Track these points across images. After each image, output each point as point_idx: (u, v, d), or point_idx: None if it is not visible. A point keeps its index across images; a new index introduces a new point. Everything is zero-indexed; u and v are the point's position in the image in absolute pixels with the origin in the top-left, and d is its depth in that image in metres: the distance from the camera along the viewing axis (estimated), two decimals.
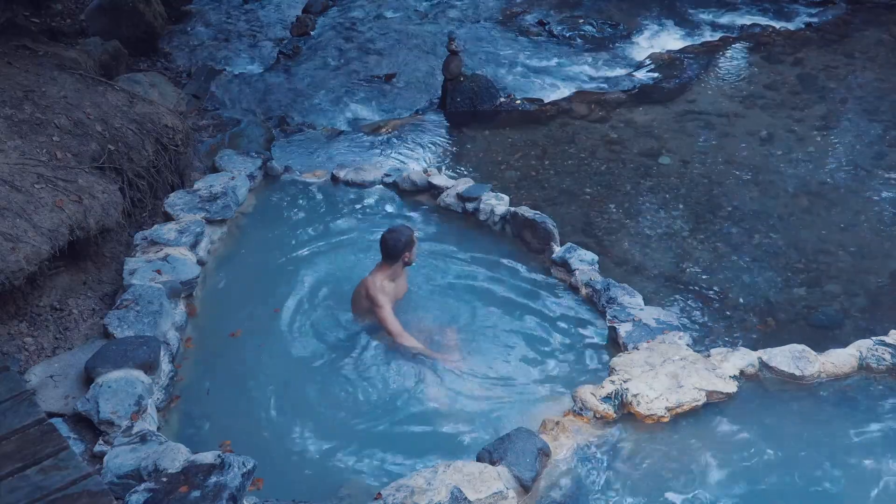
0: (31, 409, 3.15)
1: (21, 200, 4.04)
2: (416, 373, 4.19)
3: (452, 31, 8.01)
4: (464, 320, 4.61)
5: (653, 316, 4.46)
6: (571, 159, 6.63)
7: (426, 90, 7.95)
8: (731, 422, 3.76)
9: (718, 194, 6.10)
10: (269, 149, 6.59)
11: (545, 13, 9.68)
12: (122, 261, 4.57)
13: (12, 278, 3.75)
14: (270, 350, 4.37)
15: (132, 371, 3.69)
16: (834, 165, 6.50)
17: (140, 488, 3.00)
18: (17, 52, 5.32)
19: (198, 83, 7.76)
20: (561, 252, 5.03)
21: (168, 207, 5.13)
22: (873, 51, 8.56)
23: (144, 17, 8.22)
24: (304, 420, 3.94)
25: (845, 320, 4.82)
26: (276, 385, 4.14)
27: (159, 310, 4.13)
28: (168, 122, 5.36)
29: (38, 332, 4.05)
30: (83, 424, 3.51)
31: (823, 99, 7.57)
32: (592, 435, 3.68)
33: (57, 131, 4.66)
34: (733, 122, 7.22)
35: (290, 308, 4.67)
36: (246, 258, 5.16)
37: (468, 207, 5.56)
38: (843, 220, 5.78)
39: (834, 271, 5.25)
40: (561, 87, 7.99)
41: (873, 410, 3.83)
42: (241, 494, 3.02)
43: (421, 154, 6.74)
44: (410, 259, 4.39)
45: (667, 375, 3.87)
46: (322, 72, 8.21)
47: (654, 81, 8.05)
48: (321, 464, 3.68)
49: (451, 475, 3.29)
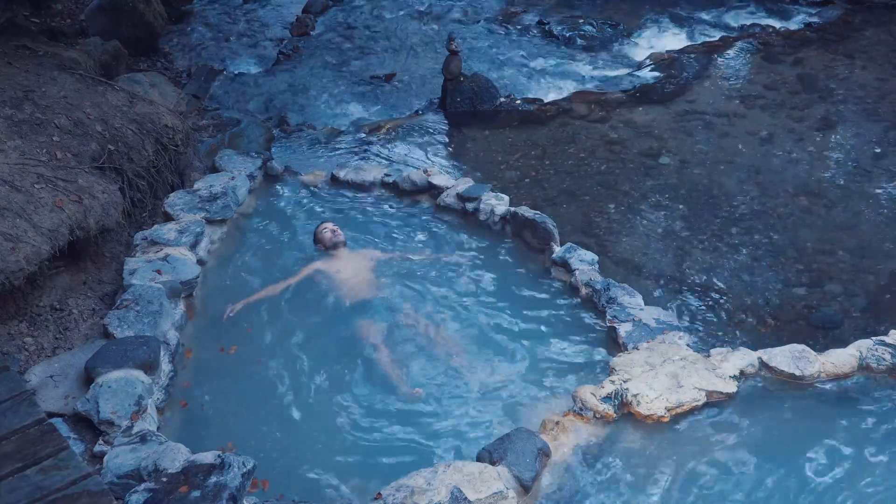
0: (31, 409, 3.15)
1: (21, 200, 4.04)
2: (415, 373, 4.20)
3: (452, 31, 8.01)
4: (463, 320, 4.61)
5: (653, 316, 4.46)
6: (571, 159, 6.63)
7: (426, 90, 7.95)
8: (731, 422, 3.76)
9: (718, 194, 6.10)
10: (269, 149, 6.59)
11: (545, 13, 9.68)
12: (122, 261, 4.57)
13: (12, 278, 3.75)
14: (270, 352, 4.37)
15: (132, 371, 3.69)
16: (834, 165, 6.50)
17: (140, 488, 3.00)
18: (17, 52, 5.32)
19: (198, 83, 7.76)
20: (561, 252, 5.03)
21: (168, 207, 5.13)
22: (873, 51, 8.56)
23: (144, 17, 8.22)
24: (305, 420, 3.94)
25: (845, 320, 4.82)
26: (277, 386, 4.14)
27: (159, 310, 4.13)
28: (168, 122, 5.36)
29: (38, 332, 4.05)
30: (83, 424, 3.51)
31: (823, 99, 7.57)
32: (592, 435, 3.68)
33: (57, 131, 4.66)
34: (733, 122, 7.22)
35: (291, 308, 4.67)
36: (246, 258, 5.15)
37: (468, 207, 5.56)
38: (843, 220, 5.78)
39: (834, 271, 5.25)
40: (561, 87, 7.99)
41: (873, 410, 3.83)
42: (242, 494, 3.02)
43: (420, 154, 6.74)
44: (325, 246, 5.08)
45: (667, 375, 3.87)
46: (322, 72, 8.21)
47: (654, 81, 8.05)
48: (321, 464, 3.68)
49: (451, 475, 3.29)
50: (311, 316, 4.63)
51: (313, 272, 4.89)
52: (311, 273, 4.89)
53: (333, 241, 5.05)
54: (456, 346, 4.41)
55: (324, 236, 5.10)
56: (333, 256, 5.01)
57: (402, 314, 4.60)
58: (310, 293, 4.79)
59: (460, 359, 4.32)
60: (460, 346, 4.41)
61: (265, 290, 4.76)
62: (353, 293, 4.74)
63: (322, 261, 5.00)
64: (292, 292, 4.77)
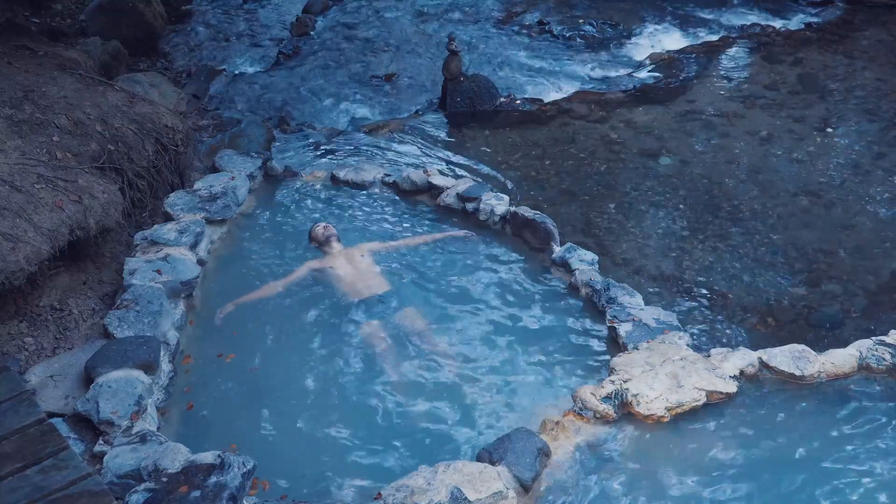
0: (31, 409, 3.15)
1: (21, 200, 4.04)
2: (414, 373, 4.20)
3: (452, 31, 8.01)
4: (463, 320, 4.61)
5: (653, 316, 4.46)
6: (571, 159, 6.63)
7: (426, 90, 7.95)
8: (731, 422, 3.76)
9: (718, 194, 6.10)
10: (269, 149, 6.58)
11: (545, 13, 9.68)
12: (122, 261, 4.57)
13: (12, 278, 3.75)
14: (270, 352, 4.37)
15: (132, 371, 3.69)
16: (834, 165, 6.49)
17: (140, 488, 3.00)
18: (17, 52, 5.32)
19: (198, 83, 7.76)
20: (561, 252, 5.03)
21: (168, 207, 5.13)
22: (873, 51, 8.56)
23: (144, 17, 8.23)
24: (305, 421, 3.94)
25: (845, 320, 4.82)
26: (278, 387, 4.14)
27: (159, 310, 4.14)
28: (168, 122, 5.36)
29: (38, 332, 4.05)
30: (83, 424, 3.51)
31: (823, 99, 7.57)
32: (592, 435, 3.68)
33: (57, 131, 4.66)
34: (733, 122, 7.22)
35: (290, 309, 4.67)
36: (246, 258, 5.15)
37: (468, 207, 5.56)
38: (842, 220, 5.78)
39: (834, 271, 5.25)
40: (561, 87, 7.99)
41: (873, 410, 3.83)
42: (241, 494, 3.02)
43: (420, 154, 6.73)
44: (318, 242, 5.17)
45: (667, 375, 3.87)
46: (322, 72, 8.21)
47: (654, 81, 8.05)
48: (321, 464, 3.68)
49: (451, 475, 3.29)
50: (307, 314, 4.63)
51: (307, 271, 4.95)
52: (306, 272, 4.94)
53: (325, 234, 5.14)
54: (455, 345, 4.41)
55: (316, 233, 5.21)
56: (327, 254, 5.06)
57: (399, 312, 4.60)
58: (305, 291, 4.80)
59: (459, 358, 4.32)
60: (459, 346, 4.40)
61: (259, 291, 4.78)
62: (350, 289, 4.76)
63: (317, 259, 5.04)
64: (287, 291, 4.77)
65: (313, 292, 4.80)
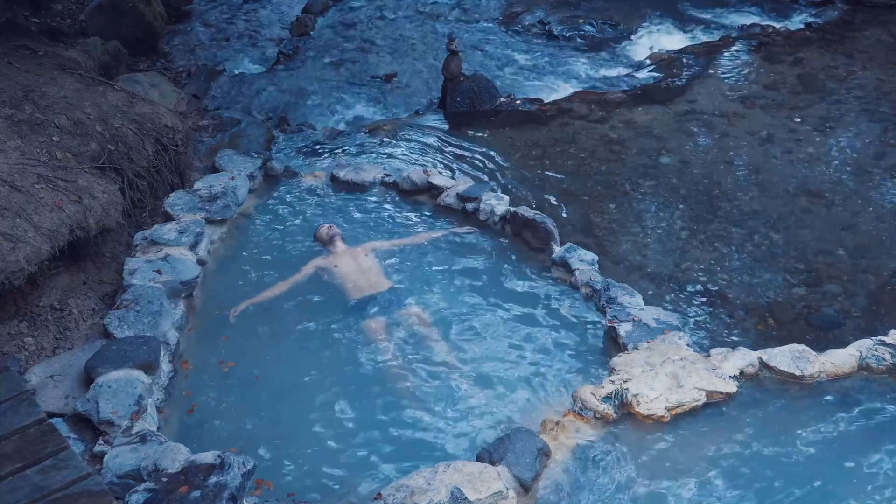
0: (31, 409, 3.15)
1: (21, 200, 4.04)
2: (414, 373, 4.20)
3: (452, 31, 8.00)
4: (463, 320, 4.61)
5: (653, 316, 4.46)
6: (571, 159, 6.63)
7: (426, 90, 7.95)
8: (731, 422, 3.76)
9: (718, 194, 6.10)
10: (269, 149, 6.59)
11: (545, 13, 9.68)
12: (122, 261, 4.57)
13: (12, 278, 3.75)
14: (270, 353, 4.37)
15: (132, 371, 3.69)
16: (834, 165, 6.49)
17: (140, 488, 3.00)
18: (17, 52, 5.32)
19: (198, 83, 7.75)
20: (561, 252, 5.03)
21: (168, 207, 5.13)
22: (873, 51, 8.56)
23: (144, 17, 8.22)
24: (306, 421, 3.94)
25: (845, 320, 4.82)
26: (278, 388, 4.14)
27: (159, 310, 4.14)
28: (168, 122, 5.35)
29: (38, 332, 4.05)
30: (83, 424, 3.51)
31: (823, 99, 7.56)
32: (592, 435, 3.68)
33: (57, 131, 4.66)
34: (733, 122, 7.21)
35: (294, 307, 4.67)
36: (246, 258, 5.15)
37: (468, 207, 5.56)
38: (842, 220, 5.78)
39: (834, 271, 5.25)
40: (561, 87, 7.99)
41: (873, 410, 3.83)
42: (241, 494, 3.02)
43: (420, 154, 6.73)
44: (324, 242, 5.23)
45: (667, 375, 3.87)
46: (322, 72, 8.20)
47: (654, 81, 8.05)
48: (321, 464, 3.68)
49: (451, 475, 3.29)
50: (312, 313, 4.63)
51: (313, 269, 4.99)
52: (312, 269, 4.98)
53: (329, 234, 5.22)
54: (455, 345, 4.41)
55: (320, 233, 5.28)
56: (332, 253, 5.10)
57: (402, 311, 4.60)
58: (311, 290, 4.81)
59: (460, 358, 4.32)
60: (459, 346, 4.41)
61: (269, 290, 4.79)
62: (354, 288, 4.79)
63: (321, 257, 5.07)
64: (294, 290, 4.78)
65: (317, 290, 4.82)
